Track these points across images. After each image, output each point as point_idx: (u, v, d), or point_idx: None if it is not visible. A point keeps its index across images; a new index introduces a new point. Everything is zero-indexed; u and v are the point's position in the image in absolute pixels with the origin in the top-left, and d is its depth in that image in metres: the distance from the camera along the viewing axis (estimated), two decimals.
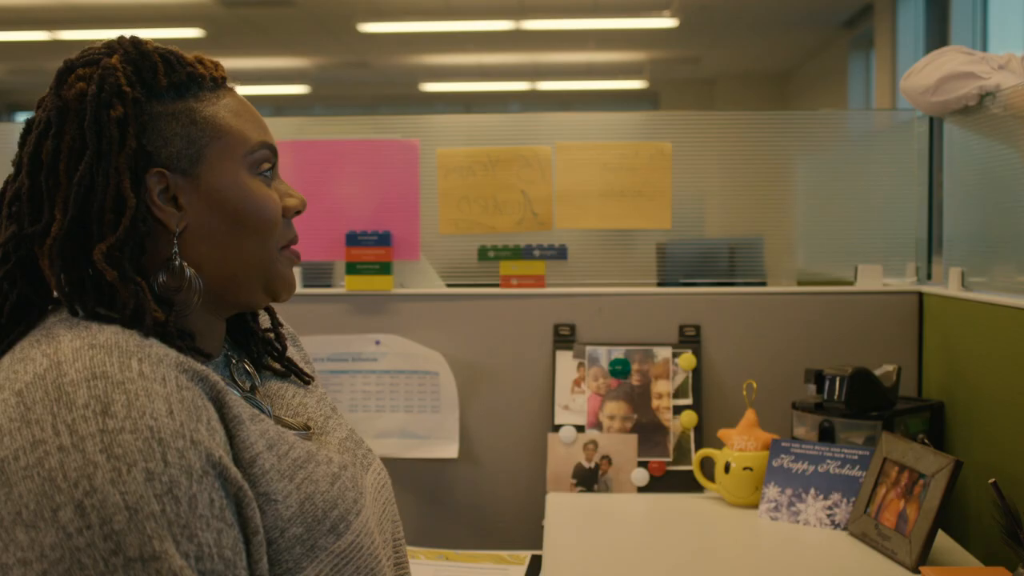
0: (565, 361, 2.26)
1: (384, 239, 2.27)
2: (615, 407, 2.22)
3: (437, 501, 2.26)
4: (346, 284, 2.30)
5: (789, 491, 1.98)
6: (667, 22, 8.98)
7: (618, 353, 2.25)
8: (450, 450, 2.25)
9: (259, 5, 8.40)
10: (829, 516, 1.92)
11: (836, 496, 1.93)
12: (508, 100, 12.79)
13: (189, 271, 1.12)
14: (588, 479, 2.19)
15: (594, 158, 2.32)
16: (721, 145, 2.44)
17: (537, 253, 2.32)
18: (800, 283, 2.39)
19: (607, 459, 2.19)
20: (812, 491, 1.96)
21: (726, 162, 2.45)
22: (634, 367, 2.24)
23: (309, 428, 1.23)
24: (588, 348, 2.25)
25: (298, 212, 1.22)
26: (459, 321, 2.28)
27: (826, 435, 2.02)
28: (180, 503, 0.92)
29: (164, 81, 1.12)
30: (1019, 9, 6.27)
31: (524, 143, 2.34)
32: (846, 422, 2.01)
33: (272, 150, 1.19)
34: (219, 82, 1.17)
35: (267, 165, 1.18)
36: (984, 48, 6.79)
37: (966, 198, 2.20)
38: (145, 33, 1.17)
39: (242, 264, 1.16)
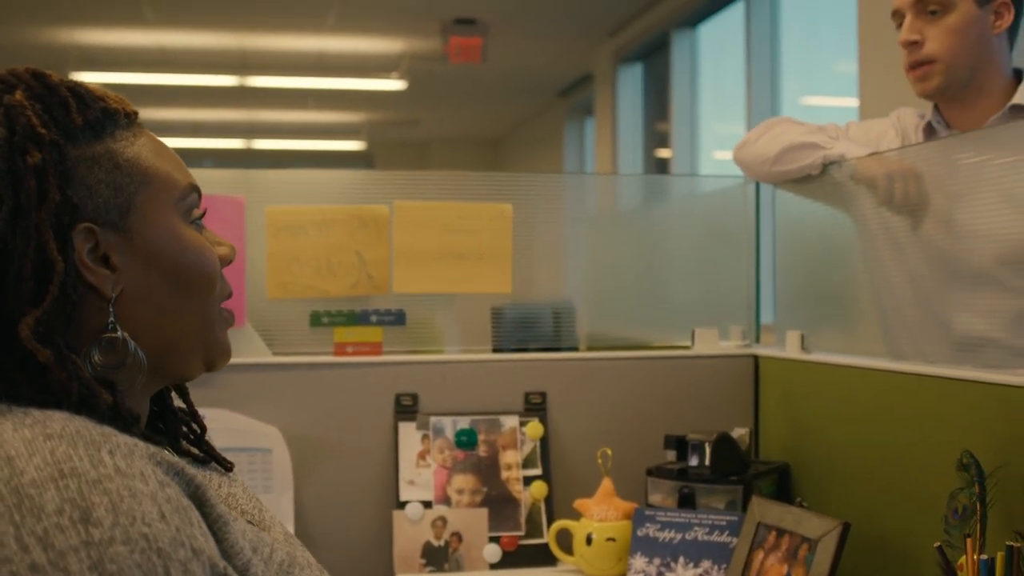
0: (408, 433, 2.13)
1: None
2: (463, 480, 2.11)
3: None
4: None
5: (657, 560, 1.94)
6: (394, 84, 9.01)
7: (464, 423, 2.14)
8: None
9: None
10: None
11: (707, 564, 1.91)
12: (221, 158, 12.40)
13: (132, 343, 0.95)
14: (438, 558, 2.06)
15: (433, 219, 2.21)
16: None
17: (374, 319, 2.18)
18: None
19: (457, 536, 2.08)
20: (681, 559, 1.92)
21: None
22: (481, 437, 2.14)
23: (252, 524, 1.07)
24: (432, 419, 2.13)
25: (229, 262, 1.07)
26: (292, 393, 2.10)
27: (686, 501, 2.00)
28: None
29: (79, 120, 0.95)
30: (730, 82, 6.77)
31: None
32: (707, 487, 1.99)
33: (199, 194, 1.04)
34: (132, 118, 1.01)
35: (198, 212, 1.03)
36: (696, 116, 7.25)
37: (799, 262, 2.26)
38: None
39: (183, 329, 1.00)
